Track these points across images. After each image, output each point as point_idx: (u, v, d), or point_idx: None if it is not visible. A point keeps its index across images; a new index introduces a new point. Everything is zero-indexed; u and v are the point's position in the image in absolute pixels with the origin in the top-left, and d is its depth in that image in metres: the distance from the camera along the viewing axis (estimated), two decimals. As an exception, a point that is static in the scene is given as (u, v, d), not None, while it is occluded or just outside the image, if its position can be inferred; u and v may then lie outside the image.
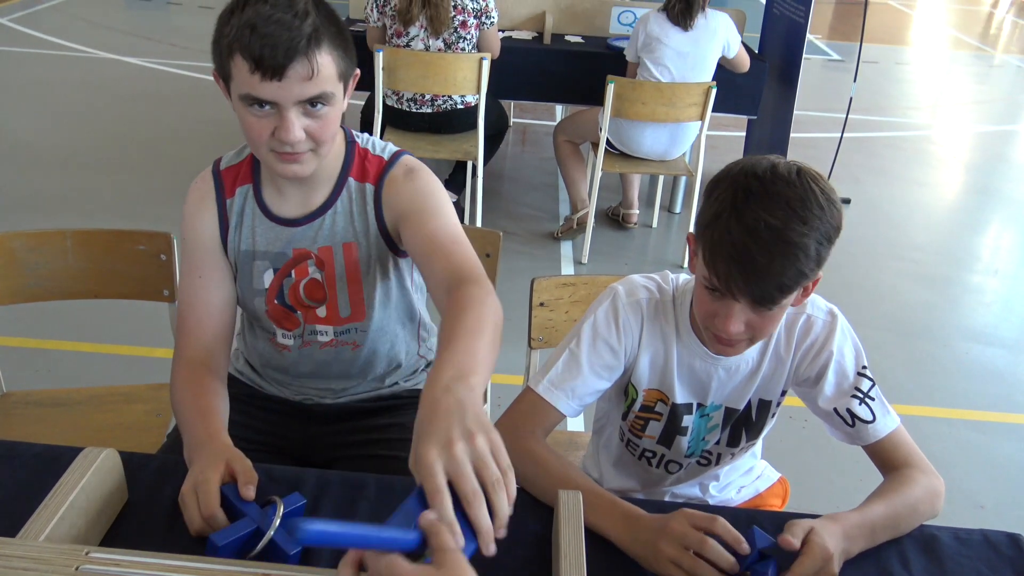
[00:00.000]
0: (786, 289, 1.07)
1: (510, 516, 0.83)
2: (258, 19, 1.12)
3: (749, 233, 1.03)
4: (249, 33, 1.12)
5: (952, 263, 4.03)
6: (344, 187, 1.33)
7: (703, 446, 1.34)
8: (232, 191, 1.35)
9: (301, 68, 1.13)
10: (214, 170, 1.37)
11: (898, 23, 10.53)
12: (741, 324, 1.11)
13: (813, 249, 1.04)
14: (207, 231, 1.35)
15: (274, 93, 1.15)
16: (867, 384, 1.21)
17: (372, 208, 1.33)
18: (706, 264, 1.09)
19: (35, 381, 2.55)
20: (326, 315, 1.38)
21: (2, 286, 1.72)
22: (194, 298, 1.34)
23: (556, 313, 1.65)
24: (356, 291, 1.37)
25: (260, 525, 1.00)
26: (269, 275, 1.36)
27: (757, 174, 1.06)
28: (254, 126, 1.19)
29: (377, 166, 1.34)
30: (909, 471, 1.16)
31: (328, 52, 1.16)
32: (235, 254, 1.36)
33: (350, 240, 1.34)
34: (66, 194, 3.92)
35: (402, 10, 3.31)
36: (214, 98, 5.45)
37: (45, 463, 1.12)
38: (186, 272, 1.36)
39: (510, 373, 2.46)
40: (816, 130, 5.56)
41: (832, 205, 1.06)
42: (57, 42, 6.46)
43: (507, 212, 4.10)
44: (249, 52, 1.12)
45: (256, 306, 1.38)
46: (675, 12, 3.40)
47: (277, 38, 1.12)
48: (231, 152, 1.39)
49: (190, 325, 1.33)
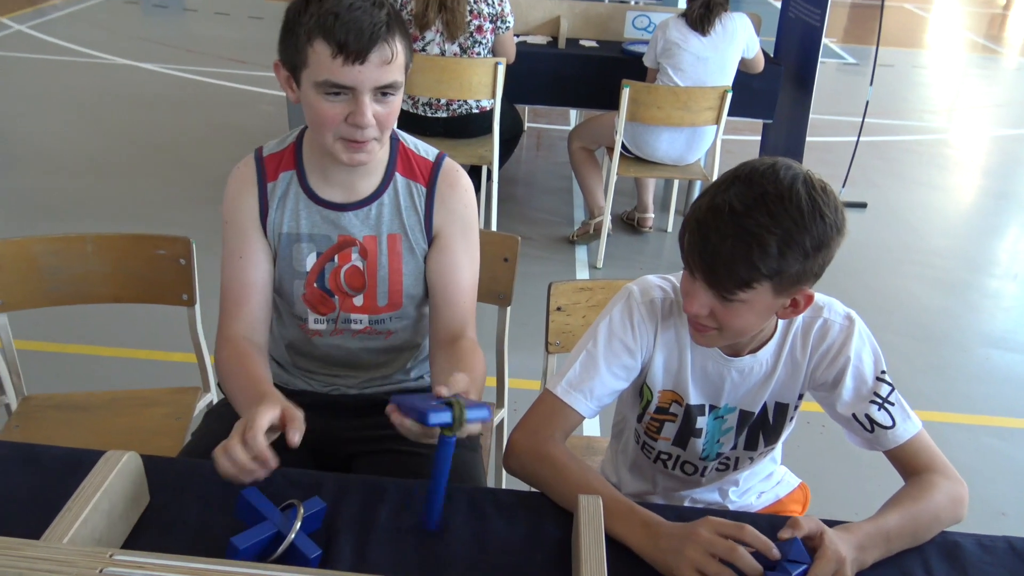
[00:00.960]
0: (737, 278, 1.06)
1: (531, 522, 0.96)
2: (340, 7, 1.19)
3: (713, 210, 1.06)
4: (333, 19, 1.19)
5: (970, 268, 4.00)
6: (392, 181, 1.40)
7: (718, 448, 1.33)
8: (275, 175, 1.39)
9: (381, 53, 1.21)
10: (256, 156, 1.41)
11: (914, 26, 10.47)
12: (704, 308, 1.12)
13: (774, 247, 1.03)
14: (248, 213, 1.39)
15: (354, 78, 1.21)
16: (886, 389, 1.20)
17: (423, 208, 1.40)
18: (679, 236, 1.12)
19: (55, 385, 2.56)
20: (363, 304, 1.43)
21: (23, 290, 1.73)
22: (235, 278, 1.39)
23: (573, 317, 1.65)
24: (396, 282, 1.42)
25: (281, 529, 1.00)
26: (312, 258, 1.40)
27: (753, 166, 1.07)
28: (327, 112, 1.24)
29: (425, 167, 1.42)
30: (930, 476, 1.15)
31: (400, 40, 1.24)
32: (275, 236, 1.40)
33: (396, 232, 1.40)
34: (84, 199, 3.95)
35: (418, 14, 3.32)
36: (230, 103, 5.50)
37: (67, 466, 1.13)
38: (227, 254, 1.40)
39: (526, 377, 2.46)
40: (832, 134, 5.53)
41: (817, 215, 1.03)
42: (75, 48, 6.52)
43: (521, 216, 4.10)
44: (333, 37, 1.19)
45: (294, 288, 1.42)
46: (694, 17, 3.41)
47: (361, 23, 1.19)
48: (273, 141, 1.43)
49: (231, 304, 1.38)
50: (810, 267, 1.06)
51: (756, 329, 1.18)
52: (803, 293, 1.11)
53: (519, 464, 1.20)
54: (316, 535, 1.05)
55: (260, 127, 5.06)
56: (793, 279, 1.07)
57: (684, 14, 3.46)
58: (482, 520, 1.11)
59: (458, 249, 1.42)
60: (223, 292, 1.40)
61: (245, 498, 1.02)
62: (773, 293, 1.08)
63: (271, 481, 1.13)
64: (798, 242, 1.03)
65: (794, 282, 1.08)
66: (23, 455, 1.16)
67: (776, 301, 1.10)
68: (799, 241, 1.03)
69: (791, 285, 1.08)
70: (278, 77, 1.31)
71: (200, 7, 8.55)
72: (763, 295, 1.08)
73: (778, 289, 1.08)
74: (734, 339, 1.19)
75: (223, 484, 1.13)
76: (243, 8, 8.50)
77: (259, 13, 8.35)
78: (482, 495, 1.16)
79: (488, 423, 1.11)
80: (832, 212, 1.05)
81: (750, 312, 1.11)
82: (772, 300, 1.10)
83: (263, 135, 5.10)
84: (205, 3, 8.73)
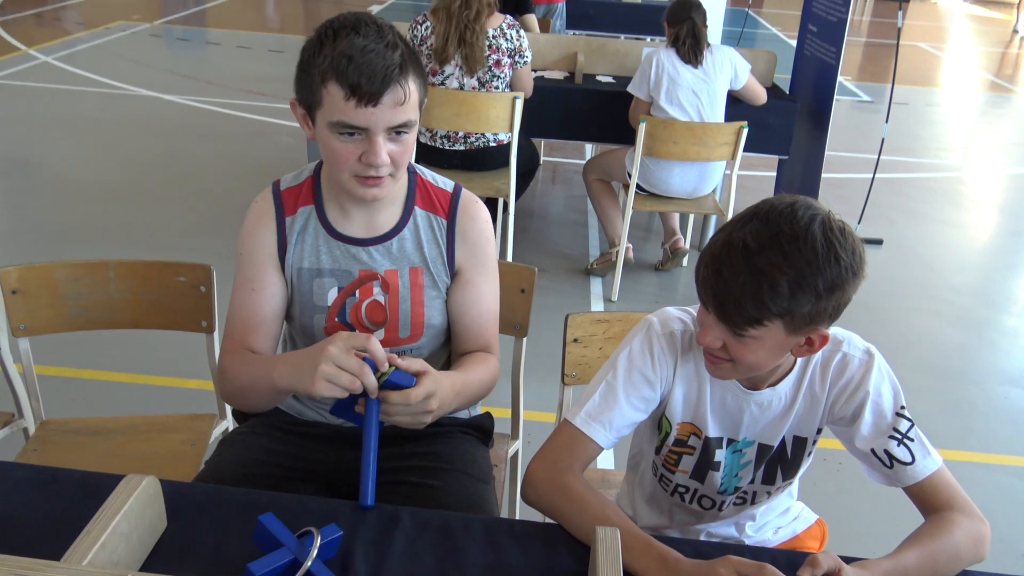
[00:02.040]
0: (748, 315, 1.06)
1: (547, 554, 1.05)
2: (353, 49, 1.20)
3: (728, 246, 1.06)
4: (346, 62, 1.20)
5: (987, 305, 3.97)
6: (411, 214, 1.41)
7: (736, 482, 1.33)
8: (293, 209, 1.41)
9: (394, 95, 1.22)
10: (274, 190, 1.43)
11: (928, 65, 10.52)
12: (717, 340, 1.12)
13: (785, 287, 1.03)
14: (264, 248, 1.40)
15: (367, 119, 1.23)
16: (906, 425, 1.19)
17: (445, 242, 1.43)
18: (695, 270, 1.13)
19: (73, 410, 2.58)
20: (384, 338, 1.43)
21: (46, 315, 1.75)
22: (244, 308, 1.40)
23: (590, 349, 1.65)
24: (418, 314, 1.43)
25: (297, 556, 1.00)
26: (333, 292, 1.41)
27: (773, 204, 1.07)
28: (341, 152, 1.26)
29: (444, 199, 1.43)
30: (950, 514, 1.14)
31: (413, 80, 1.25)
32: (294, 271, 1.41)
33: (417, 265, 1.42)
34: (105, 226, 4.01)
35: (438, 49, 3.37)
36: (249, 134, 5.57)
37: (86, 489, 1.14)
38: (240, 283, 1.41)
39: (541, 410, 2.45)
40: (847, 171, 5.54)
41: (832, 257, 1.03)
42: (100, 80, 6.64)
43: (537, 248, 4.12)
44: (346, 80, 1.20)
45: (315, 323, 1.42)
46: (685, 49, 3.45)
47: (374, 66, 1.20)
48: (289, 175, 1.45)
49: (237, 331, 1.39)
50: (823, 308, 1.06)
51: (770, 365, 1.17)
52: (818, 333, 1.11)
53: (536, 494, 1.20)
54: (332, 563, 1.05)
55: (279, 158, 5.12)
56: (806, 319, 1.07)
57: (673, 45, 3.49)
58: (498, 551, 1.11)
59: (479, 282, 1.45)
60: (230, 315, 1.41)
61: (262, 524, 1.02)
62: (785, 331, 1.09)
63: (288, 508, 1.14)
64: (810, 283, 1.04)
65: (807, 322, 1.08)
66: (43, 478, 1.17)
67: (790, 339, 1.10)
68: (811, 282, 1.03)
69: (804, 325, 1.08)
70: (295, 115, 1.33)
71: (222, 41, 8.71)
72: (775, 333, 1.08)
73: (791, 328, 1.08)
74: (748, 373, 1.19)
75: (240, 510, 1.13)
76: (264, 42, 8.66)
77: (279, 47, 8.49)
78: (497, 526, 1.16)
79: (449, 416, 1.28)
80: (848, 255, 1.05)
81: (762, 348, 1.11)
82: (785, 338, 1.10)
83: (282, 166, 5.15)
84: (227, 37, 8.90)
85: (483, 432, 1.60)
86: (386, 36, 1.23)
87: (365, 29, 1.22)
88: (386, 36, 1.23)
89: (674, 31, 3.50)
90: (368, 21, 1.24)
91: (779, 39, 10.96)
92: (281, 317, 1.44)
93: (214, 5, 11.04)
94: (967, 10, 16.69)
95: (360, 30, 1.22)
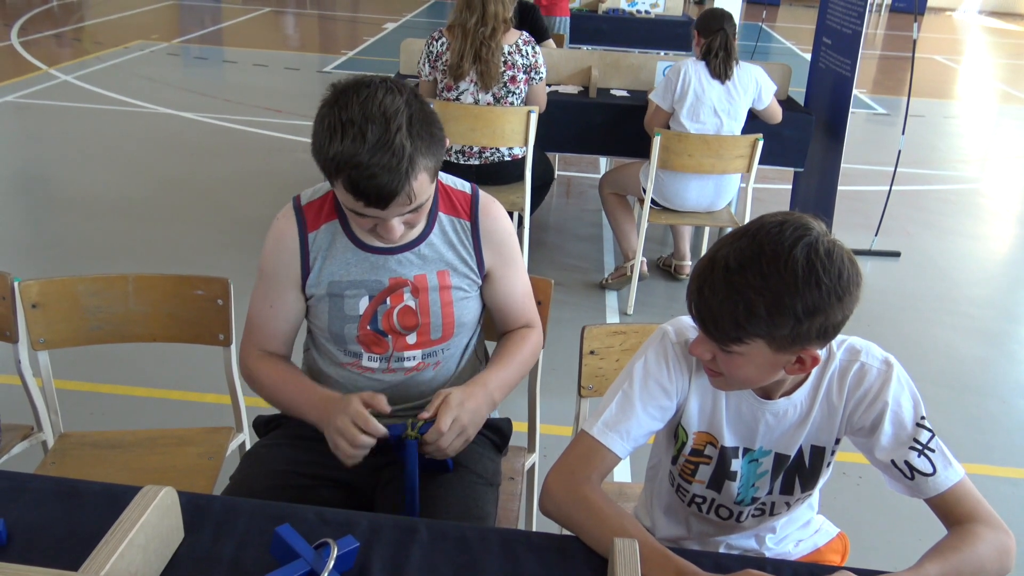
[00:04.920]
0: (727, 333, 1.07)
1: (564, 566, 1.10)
2: (359, 160, 1.21)
3: (712, 264, 1.08)
4: (352, 172, 1.22)
5: (1007, 318, 3.93)
6: (436, 221, 1.45)
7: (753, 492, 1.31)
8: (316, 224, 1.44)
9: (401, 199, 1.25)
10: (295, 206, 1.46)
11: (944, 77, 10.48)
12: (706, 353, 1.14)
13: (761, 308, 1.03)
14: (285, 268, 1.45)
15: (377, 213, 1.28)
16: (926, 435, 1.17)
17: (471, 243, 1.48)
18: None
19: (91, 423, 2.60)
20: (416, 341, 1.47)
21: (65, 328, 1.77)
22: (262, 321, 1.50)
23: (606, 361, 1.65)
24: (448, 314, 1.47)
25: (314, 567, 1.00)
26: (364, 302, 1.44)
27: (764, 222, 1.07)
28: (357, 221, 1.35)
29: (464, 201, 1.47)
30: (973, 526, 1.12)
31: (423, 169, 1.26)
32: (321, 285, 1.44)
33: (444, 268, 1.46)
34: (124, 242, 4.04)
35: (453, 65, 3.39)
36: (266, 150, 5.62)
37: (104, 500, 1.14)
38: (260, 295, 1.50)
39: (557, 424, 2.44)
40: (864, 183, 5.52)
41: (811, 283, 1.02)
42: (118, 98, 6.72)
43: (552, 262, 4.12)
44: (352, 188, 1.24)
45: (346, 332, 1.45)
46: (717, 62, 3.40)
47: (379, 180, 1.22)
48: (308, 190, 1.48)
49: (254, 339, 1.51)
50: (804, 331, 1.05)
51: (764, 381, 1.17)
52: (808, 353, 1.10)
53: (555, 506, 1.19)
54: (349, 574, 1.04)
55: (295, 174, 5.15)
56: (788, 340, 1.06)
57: (704, 58, 3.44)
58: (515, 563, 1.10)
59: (510, 275, 1.53)
60: (248, 323, 1.52)
61: (280, 535, 1.02)
62: (771, 350, 1.08)
63: (305, 520, 1.14)
64: (788, 306, 1.03)
65: (790, 343, 1.07)
66: (63, 489, 1.17)
67: (778, 357, 1.10)
68: (789, 305, 1.03)
69: (789, 345, 1.07)
70: None
71: (239, 59, 8.80)
72: (759, 350, 1.08)
73: (775, 347, 1.08)
74: (742, 387, 1.21)
75: (257, 522, 1.13)
76: (280, 60, 8.73)
77: (295, 65, 8.57)
78: (515, 537, 1.15)
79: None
80: (831, 279, 1.03)
81: (750, 364, 1.11)
82: (772, 356, 1.09)
83: (298, 182, 5.18)
84: (243, 55, 8.98)
85: (499, 435, 1.61)
86: (392, 136, 1.20)
87: (372, 128, 1.20)
88: (392, 136, 1.20)
89: (706, 42, 3.44)
90: (375, 115, 1.21)
91: (793, 52, 10.95)
92: (296, 330, 1.53)
93: (231, 24, 11.16)
94: (983, 22, 16.62)
95: (367, 131, 1.20)
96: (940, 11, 17.60)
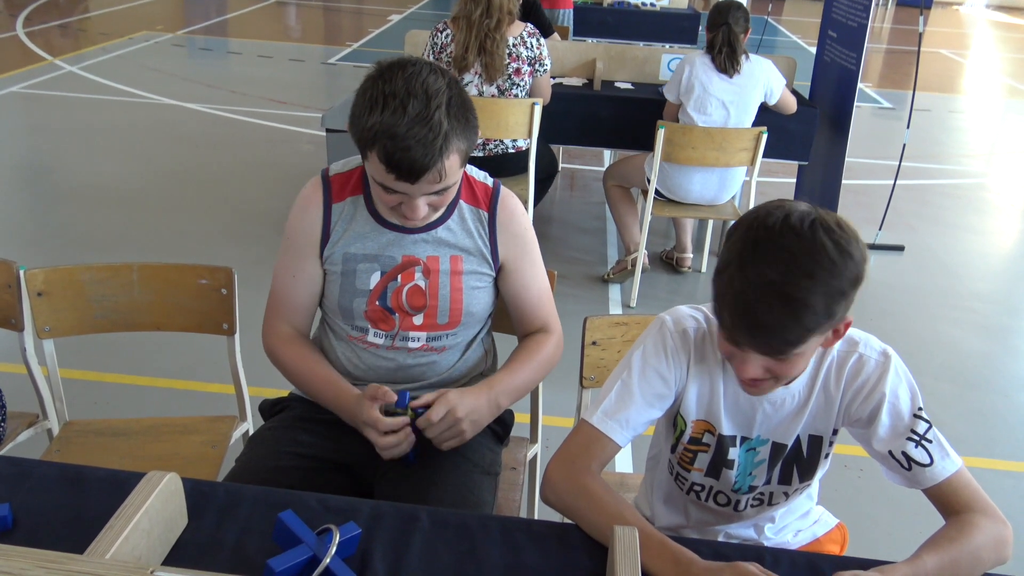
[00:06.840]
0: (794, 342, 1.06)
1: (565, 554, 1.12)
2: (396, 131, 1.24)
3: (751, 287, 1.04)
4: (388, 142, 1.24)
5: (1011, 313, 3.93)
6: (456, 207, 1.47)
7: (750, 481, 1.32)
8: (342, 196, 1.47)
9: (431, 175, 1.27)
10: (323, 176, 1.49)
11: (950, 71, 10.44)
12: (758, 370, 1.12)
13: (821, 304, 1.03)
14: (308, 236, 1.48)
15: (406, 189, 1.30)
16: (923, 426, 1.18)
17: (488, 234, 1.49)
18: (715, 312, 1.10)
19: (96, 412, 2.61)
20: (422, 323, 1.49)
21: (70, 317, 1.78)
22: (285, 292, 1.53)
23: (608, 352, 1.66)
24: (457, 300, 1.48)
25: (316, 553, 1.01)
26: (376, 277, 1.47)
27: (767, 224, 1.05)
28: (383, 197, 1.36)
29: (485, 192, 1.50)
30: (971, 516, 1.13)
31: (456, 151, 1.29)
32: (337, 256, 1.47)
33: (458, 253, 1.47)
34: (128, 232, 4.05)
35: (458, 57, 3.39)
36: (271, 142, 5.62)
37: (110, 486, 1.15)
38: (282, 266, 1.52)
39: (558, 415, 2.45)
40: (868, 177, 5.50)
41: (846, 257, 1.03)
42: (124, 89, 6.73)
43: (555, 255, 4.12)
44: (386, 158, 1.26)
45: (355, 306, 1.48)
46: (721, 58, 3.43)
47: (413, 152, 1.24)
48: (338, 163, 1.51)
49: (279, 312, 1.54)
50: (851, 301, 1.07)
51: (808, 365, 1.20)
52: (844, 322, 1.11)
53: (555, 495, 1.20)
54: (351, 560, 1.05)
55: (299, 165, 5.16)
56: (839, 317, 1.08)
57: (708, 51, 3.47)
58: (515, 550, 1.11)
59: (526, 269, 1.54)
60: (272, 296, 1.54)
61: (283, 522, 1.03)
62: (822, 335, 1.10)
63: (307, 506, 1.15)
64: (838, 289, 1.04)
65: (840, 319, 1.09)
66: (68, 475, 1.18)
67: (825, 337, 1.12)
68: (838, 288, 1.04)
69: (838, 320, 1.09)
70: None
71: (243, 50, 8.80)
72: (816, 340, 1.10)
73: (827, 328, 1.09)
74: (787, 383, 1.22)
75: (260, 508, 1.14)
76: (285, 52, 8.73)
77: (300, 56, 8.57)
78: (515, 525, 1.16)
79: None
80: (856, 246, 1.05)
81: (804, 358, 1.13)
82: (821, 339, 1.11)
83: (302, 173, 5.20)
84: (248, 47, 8.99)
85: (501, 425, 1.62)
86: (432, 111, 1.24)
87: (413, 103, 1.24)
88: (432, 111, 1.24)
89: (711, 36, 3.48)
90: (417, 91, 1.25)
91: (798, 46, 10.92)
92: (316, 301, 1.54)
93: (236, 15, 11.16)
94: (989, 16, 16.55)
95: (408, 105, 1.24)
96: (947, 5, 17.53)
